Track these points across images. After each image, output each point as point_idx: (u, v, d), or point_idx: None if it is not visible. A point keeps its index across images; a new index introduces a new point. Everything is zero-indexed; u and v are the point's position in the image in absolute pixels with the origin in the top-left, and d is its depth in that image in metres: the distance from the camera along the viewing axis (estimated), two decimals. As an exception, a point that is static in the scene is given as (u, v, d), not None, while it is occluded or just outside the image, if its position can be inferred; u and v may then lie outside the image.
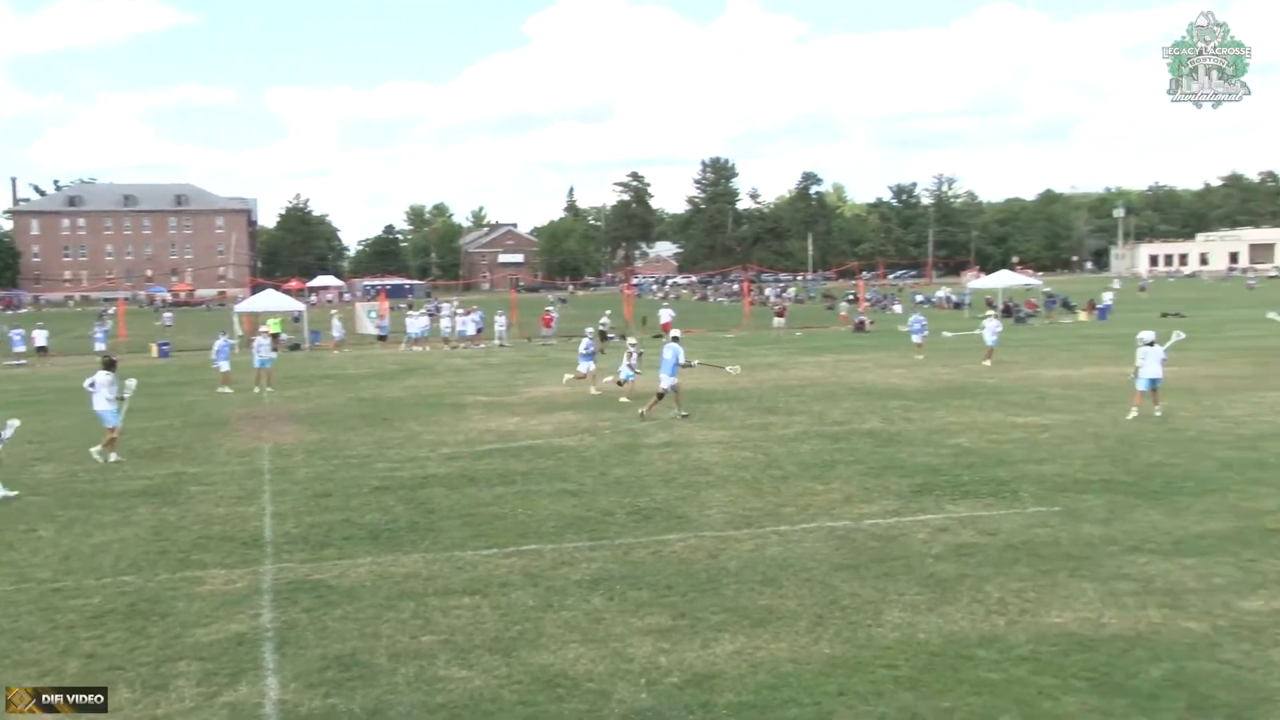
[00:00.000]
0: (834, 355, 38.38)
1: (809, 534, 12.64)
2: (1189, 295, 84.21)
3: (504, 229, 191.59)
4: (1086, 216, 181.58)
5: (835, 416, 22.47)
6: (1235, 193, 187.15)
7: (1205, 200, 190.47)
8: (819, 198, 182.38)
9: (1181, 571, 10.65)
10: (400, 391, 30.77)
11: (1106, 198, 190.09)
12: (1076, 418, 21.16)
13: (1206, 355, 34.01)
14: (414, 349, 49.67)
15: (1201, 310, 62.60)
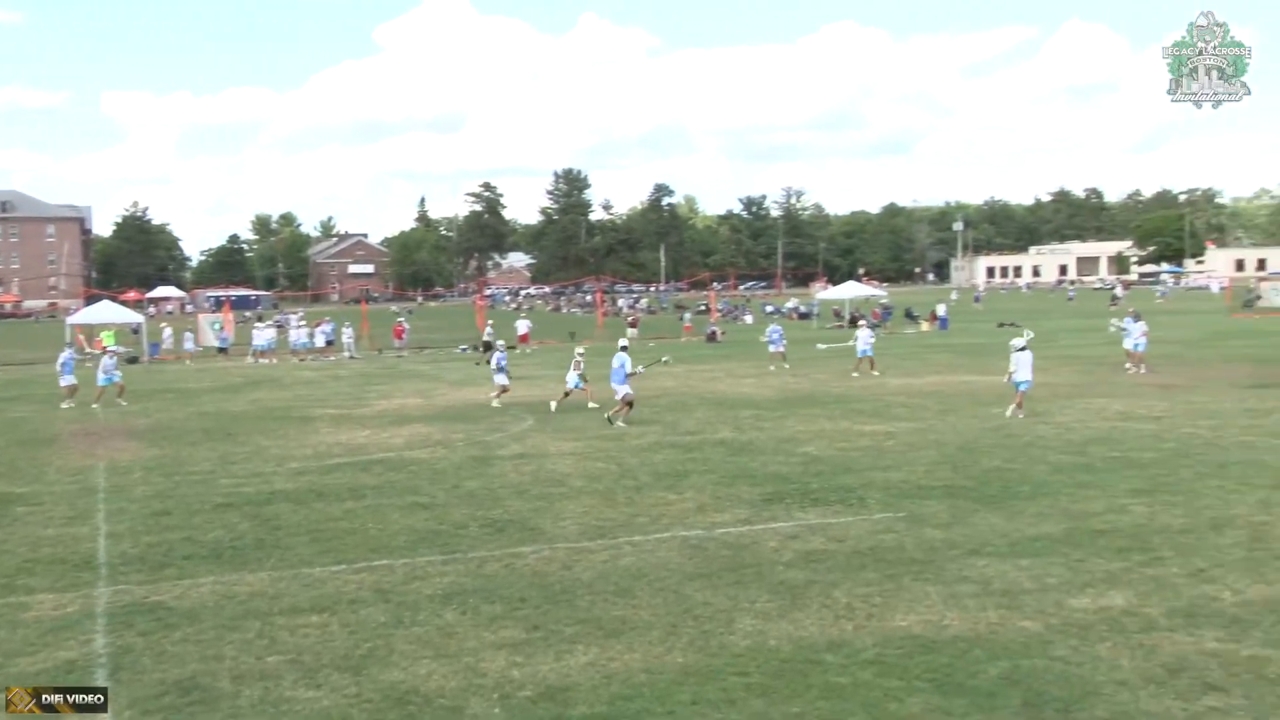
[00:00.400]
0: (686, 366, 38.75)
1: (662, 544, 12.71)
2: (1021, 306, 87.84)
3: (354, 239, 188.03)
4: (928, 229, 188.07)
5: (688, 426, 22.69)
6: (1063, 208, 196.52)
7: (1036, 215, 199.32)
8: (671, 209, 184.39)
9: (1018, 572, 11.07)
10: (245, 405, 29.87)
11: (946, 211, 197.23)
12: (920, 425, 21.83)
13: (1039, 364, 35.39)
14: (260, 361, 48.30)
15: (1034, 321, 65.31)
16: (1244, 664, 8.40)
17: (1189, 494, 14.56)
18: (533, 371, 38.53)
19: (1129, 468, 16.57)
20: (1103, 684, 8.11)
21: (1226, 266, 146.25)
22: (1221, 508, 13.70)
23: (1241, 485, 15.01)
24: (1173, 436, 19.46)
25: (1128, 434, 19.88)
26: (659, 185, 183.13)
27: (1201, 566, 11.04)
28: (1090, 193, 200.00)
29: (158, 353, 52.24)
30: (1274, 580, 10.52)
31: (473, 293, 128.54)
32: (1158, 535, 12.40)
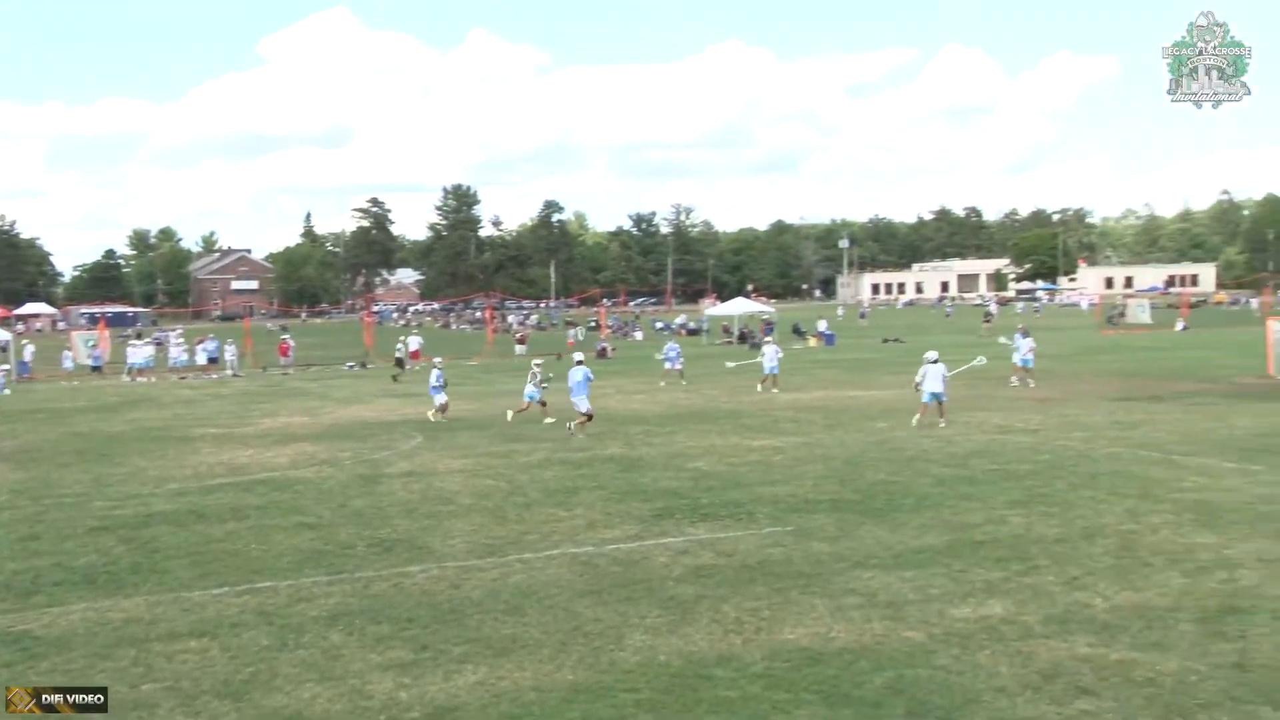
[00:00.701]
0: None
1: (552, 561, 12.67)
2: (905, 321, 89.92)
3: (236, 255, 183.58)
4: (815, 246, 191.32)
5: (578, 442, 22.67)
6: (945, 226, 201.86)
7: (919, 233, 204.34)
8: (561, 226, 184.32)
9: (902, 584, 11.30)
10: (122, 425, 28.94)
11: (833, 229, 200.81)
12: (807, 440, 22.15)
13: (922, 378, 36.27)
14: (137, 380, 46.85)
15: (918, 336, 66.90)
16: (1114, 668, 8.69)
17: (1063, 505, 15.03)
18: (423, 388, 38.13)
19: (1007, 480, 17.05)
20: (982, 691, 8.32)
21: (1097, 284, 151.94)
22: (1093, 517, 14.18)
23: (1111, 495, 15.56)
24: (1048, 449, 20.09)
25: (1006, 447, 20.46)
26: (549, 202, 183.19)
27: (1075, 574, 11.41)
28: (970, 212, 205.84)
29: (28, 371, 50.32)
30: (1141, 587, 10.92)
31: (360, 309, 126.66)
32: (1034, 545, 12.77)
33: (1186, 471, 17.31)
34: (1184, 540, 12.79)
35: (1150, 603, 10.39)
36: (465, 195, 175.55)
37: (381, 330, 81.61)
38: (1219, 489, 15.83)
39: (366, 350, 56.55)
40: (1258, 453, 18.98)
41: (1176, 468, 17.71)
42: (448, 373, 27.50)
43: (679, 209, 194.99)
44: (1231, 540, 12.72)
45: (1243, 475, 16.89)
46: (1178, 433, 21.72)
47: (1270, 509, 14.35)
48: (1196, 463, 18.12)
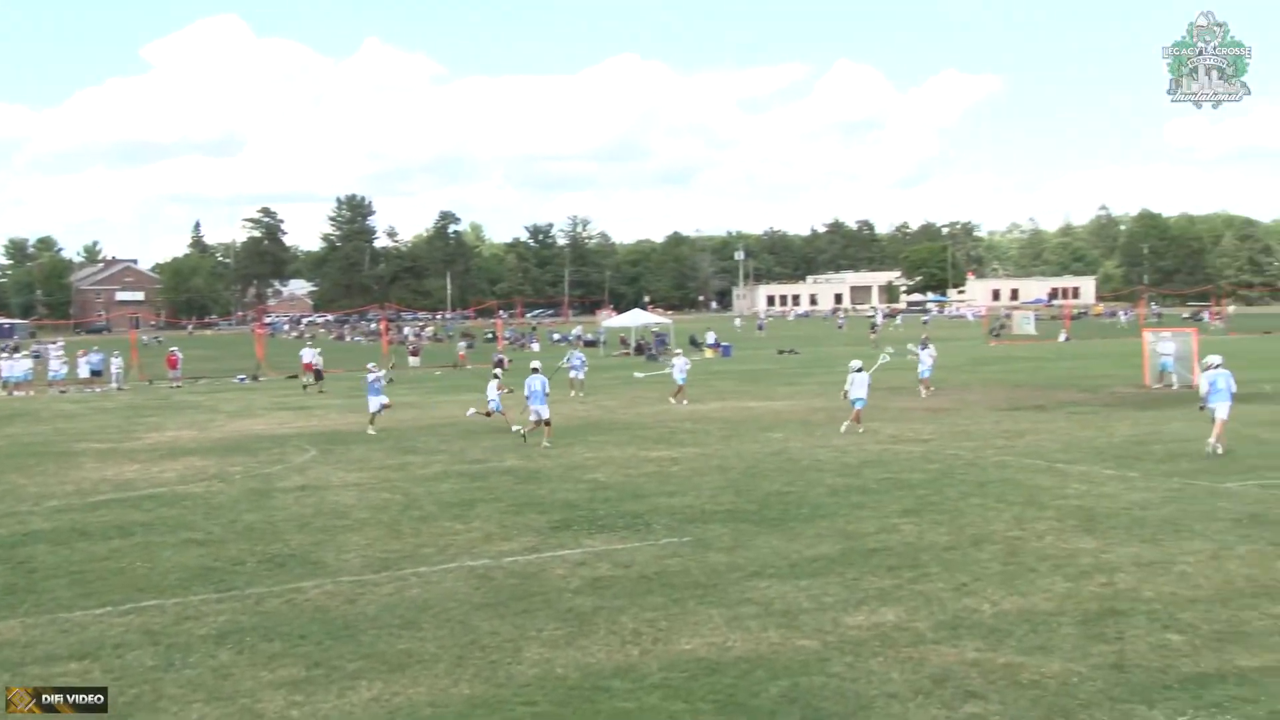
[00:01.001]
0: (475, 394, 38.42)
1: (449, 574, 12.55)
2: (800, 333, 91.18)
3: (121, 265, 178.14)
4: (711, 258, 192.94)
5: (475, 455, 22.52)
6: (838, 239, 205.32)
7: (813, 245, 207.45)
8: (457, 237, 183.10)
9: (797, 593, 11.44)
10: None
11: (728, 241, 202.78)
12: (704, 451, 22.31)
13: (817, 389, 36.90)
14: (15, 394, 45.16)
15: (812, 347, 67.93)
16: (1000, 671, 8.92)
17: (953, 513, 15.38)
18: (321, 401, 37.49)
19: (899, 489, 17.39)
20: (875, 697, 8.46)
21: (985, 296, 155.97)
22: (981, 525, 14.54)
23: (999, 503, 15.98)
24: (938, 458, 20.55)
25: (898, 456, 20.87)
26: (445, 213, 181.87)
27: (964, 581, 11.68)
28: (862, 224, 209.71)
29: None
30: (1026, 591, 11.23)
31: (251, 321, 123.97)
32: (925, 552, 13.05)
33: (1069, 479, 17.86)
34: (1067, 546, 13.18)
35: (1035, 607, 10.69)
36: (360, 205, 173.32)
37: (274, 342, 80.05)
38: (1099, 495, 16.36)
39: (259, 362, 55.36)
40: (1134, 460, 19.68)
41: (1060, 475, 18.26)
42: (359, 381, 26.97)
43: (576, 221, 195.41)
44: (1110, 545, 13.16)
45: (1121, 482, 17.49)
46: (1061, 441, 22.39)
47: (1146, 514, 14.88)
48: (1078, 470, 18.71)
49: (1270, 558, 12.33)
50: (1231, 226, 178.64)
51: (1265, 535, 13.41)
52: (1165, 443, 21.70)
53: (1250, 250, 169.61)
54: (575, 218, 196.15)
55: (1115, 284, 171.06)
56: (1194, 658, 9.12)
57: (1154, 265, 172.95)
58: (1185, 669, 8.87)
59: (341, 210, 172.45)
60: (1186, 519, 14.49)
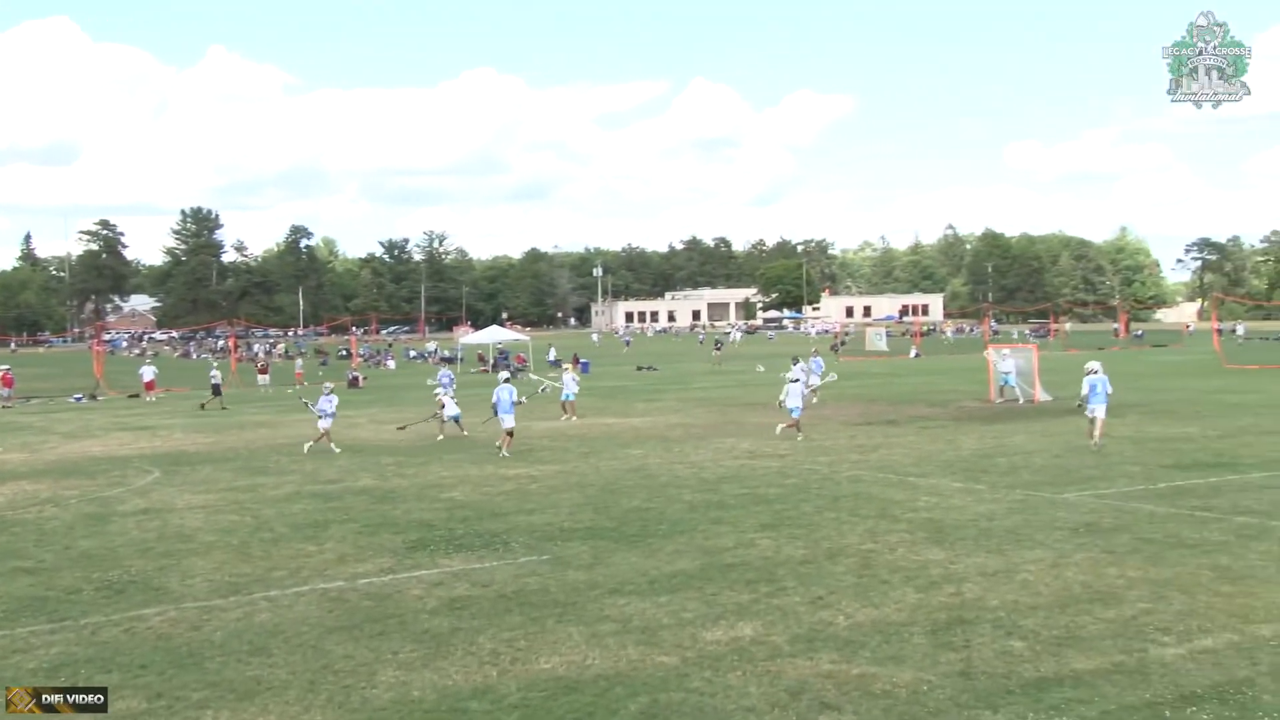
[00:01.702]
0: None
1: (301, 598, 12.26)
2: (658, 349, 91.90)
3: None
4: (569, 275, 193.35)
5: (329, 475, 22.05)
6: (695, 255, 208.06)
7: (671, 262, 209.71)
8: (309, 251, 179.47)
9: (656, 609, 11.52)
10: None
11: (587, 257, 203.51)
12: (563, 468, 22.30)
13: (675, 405, 37.25)
14: None
15: (670, 363, 68.55)
16: (854, 682, 9.14)
17: (809, 527, 15.71)
18: (159, 421, 36.19)
19: (757, 504, 17.67)
20: (733, 712, 8.57)
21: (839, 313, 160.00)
22: (836, 538, 14.88)
23: (853, 517, 16.38)
24: (794, 473, 20.95)
25: (756, 471, 21.22)
26: (296, 226, 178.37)
27: (820, 594, 11.93)
28: (719, 241, 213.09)
29: None
30: (879, 603, 11.54)
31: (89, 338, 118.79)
32: (782, 567, 13.28)
33: (920, 492, 18.43)
34: (917, 557, 13.59)
35: (887, 618, 10.99)
36: (205, 219, 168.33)
37: (113, 360, 76.98)
38: (948, 507, 16.92)
39: (97, 381, 53.10)
40: (980, 472, 20.42)
41: (911, 488, 18.83)
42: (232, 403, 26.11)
43: (432, 236, 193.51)
44: (958, 555, 13.62)
45: (968, 494, 18.13)
46: (912, 455, 23.09)
47: (990, 525, 15.46)
48: (928, 483, 19.32)
49: (1103, 564, 12.94)
50: (1068, 247, 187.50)
51: (1099, 543, 14.07)
52: (1009, 455, 22.57)
53: (1084, 270, 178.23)
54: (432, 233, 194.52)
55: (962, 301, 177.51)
56: (1035, 663, 9.51)
57: (997, 283, 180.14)
58: (1027, 674, 9.24)
59: (186, 223, 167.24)
60: (1029, 529, 15.10)
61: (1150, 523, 15.33)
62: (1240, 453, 22.05)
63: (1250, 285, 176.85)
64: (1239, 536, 14.31)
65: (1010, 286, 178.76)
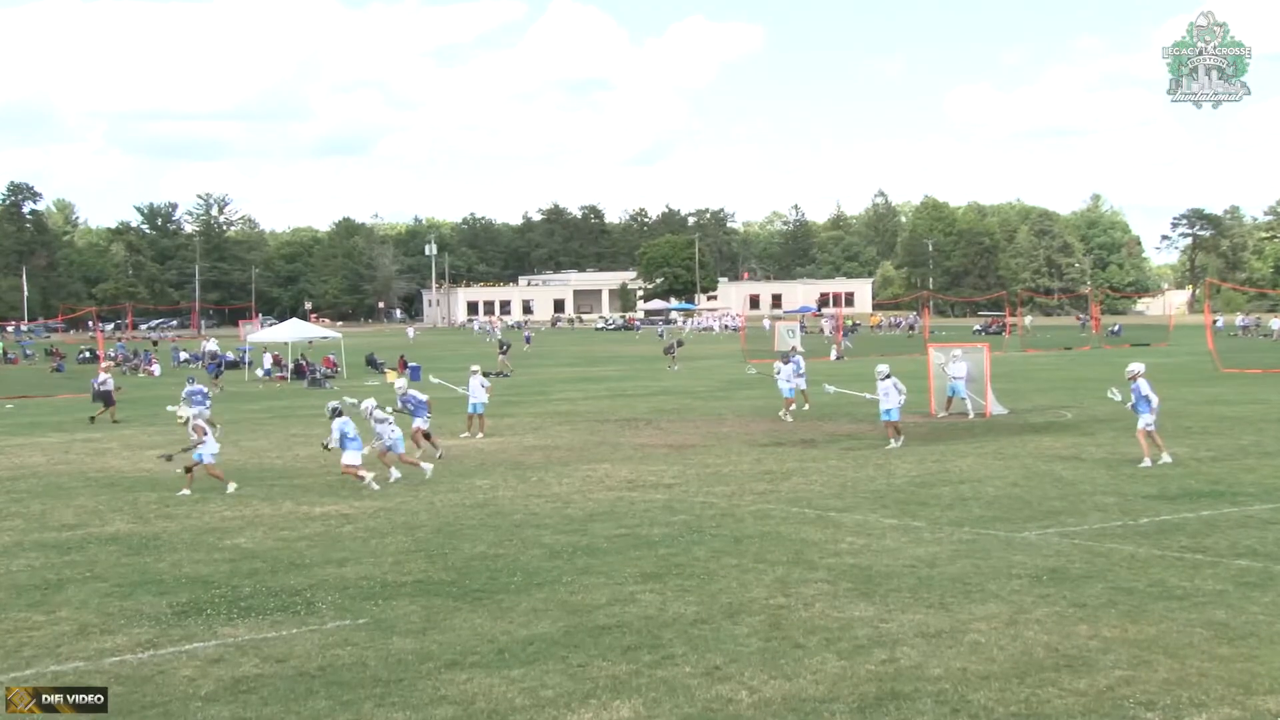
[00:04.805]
0: (65, 434, 36.66)
1: (23, 684, 11.92)
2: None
3: None
4: (394, 253, 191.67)
5: (65, 519, 21.49)
6: (558, 229, 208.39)
7: (526, 237, 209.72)
8: (36, 218, 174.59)
9: (507, 686, 11.50)
10: None
11: (417, 230, 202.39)
12: (385, 504, 22.11)
13: (532, 421, 37.23)
14: None
15: (534, 368, 68.50)
16: (763, 775, 9.26)
17: (703, 576, 15.86)
18: None
19: (637, 547, 17.78)
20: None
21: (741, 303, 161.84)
22: (738, 591, 15.05)
23: (759, 563, 16.58)
24: (684, 507, 21.14)
25: (635, 506, 21.34)
26: (17, 184, 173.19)
27: (717, 664, 12.05)
28: (588, 211, 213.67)
29: None
30: (793, 673, 11.70)
31: None
32: (669, 628, 13.39)
33: (843, 530, 18.75)
34: (840, 614, 13.83)
35: (803, 692, 11.15)
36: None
37: None
38: (878, 550, 17.26)
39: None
40: (919, 505, 20.87)
41: (832, 526, 19.15)
42: None
43: (209, 200, 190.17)
44: (891, 611, 13.90)
45: (903, 533, 18.51)
46: (834, 483, 23.48)
47: (932, 573, 15.81)
48: (854, 519, 19.67)
49: (1071, 621, 13.35)
50: (1027, 220, 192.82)
51: (1066, 594, 14.51)
52: (954, 484, 23.12)
53: (1048, 249, 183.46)
54: (208, 196, 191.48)
55: (896, 288, 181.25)
56: (989, 746, 9.75)
57: (940, 266, 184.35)
58: (979, 760, 9.47)
59: None
60: (979, 577, 15.49)
61: (1130, 568, 15.87)
62: (1240, 479, 22.96)
63: (1251, 268, 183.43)
64: (1238, 585, 14.89)
65: (956, 270, 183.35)
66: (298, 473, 26.83)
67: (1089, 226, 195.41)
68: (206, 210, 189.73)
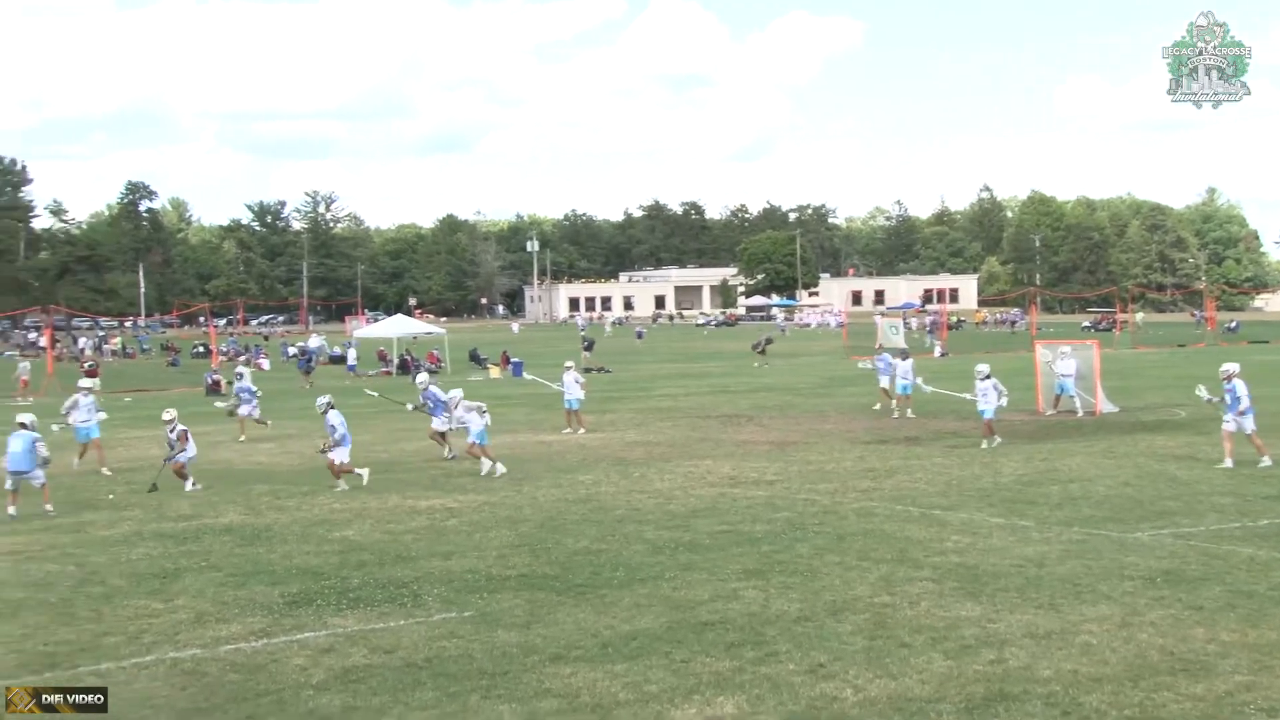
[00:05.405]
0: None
1: (143, 670, 12.20)
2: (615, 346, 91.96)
3: None
4: (496, 250, 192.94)
5: (181, 509, 21.93)
6: (658, 225, 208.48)
7: (627, 234, 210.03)
8: (153, 217, 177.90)
9: (610, 680, 11.54)
10: None
11: (519, 227, 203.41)
12: (490, 499, 22.28)
13: (634, 418, 37.31)
14: None
15: (628, 364, 68.63)
16: (870, 774, 9.20)
17: (806, 574, 15.79)
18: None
19: (739, 544, 17.74)
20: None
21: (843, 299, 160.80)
22: (841, 589, 14.97)
23: (862, 560, 16.48)
24: (787, 504, 21.06)
25: (737, 503, 21.30)
26: (134, 184, 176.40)
27: (820, 661, 12.00)
28: (689, 208, 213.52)
29: None
30: (898, 673, 11.62)
31: None
32: (772, 625, 13.35)
33: (948, 529, 18.57)
34: (946, 614, 13.70)
35: (909, 692, 11.07)
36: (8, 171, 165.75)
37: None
38: (984, 549, 17.06)
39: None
40: (1026, 505, 20.61)
41: (937, 524, 18.97)
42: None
43: (317, 198, 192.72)
44: (999, 611, 13.73)
45: (1011, 532, 18.29)
46: (938, 481, 23.26)
47: (1040, 573, 15.60)
48: (959, 518, 19.48)
49: (1188, 624, 13.11)
50: (1138, 214, 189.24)
51: (1182, 597, 14.24)
52: (1063, 483, 22.80)
53: (1160, 244, 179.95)
54: (316, 194, 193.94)
55: (1001, 284, 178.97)
56: (1100, 749, 9.61)
57: (1048, 261, 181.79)
58: (1090, 763, 9.33)
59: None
60: (1090, 578, 15.26)
61: (1249, 571, 15.55)
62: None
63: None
64: (1358, 587, 14.54)
65: (1064, 265, 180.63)
66: (403, 466, 27.13)
67: (1204, 221, 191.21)
68: (314, 208, 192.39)
